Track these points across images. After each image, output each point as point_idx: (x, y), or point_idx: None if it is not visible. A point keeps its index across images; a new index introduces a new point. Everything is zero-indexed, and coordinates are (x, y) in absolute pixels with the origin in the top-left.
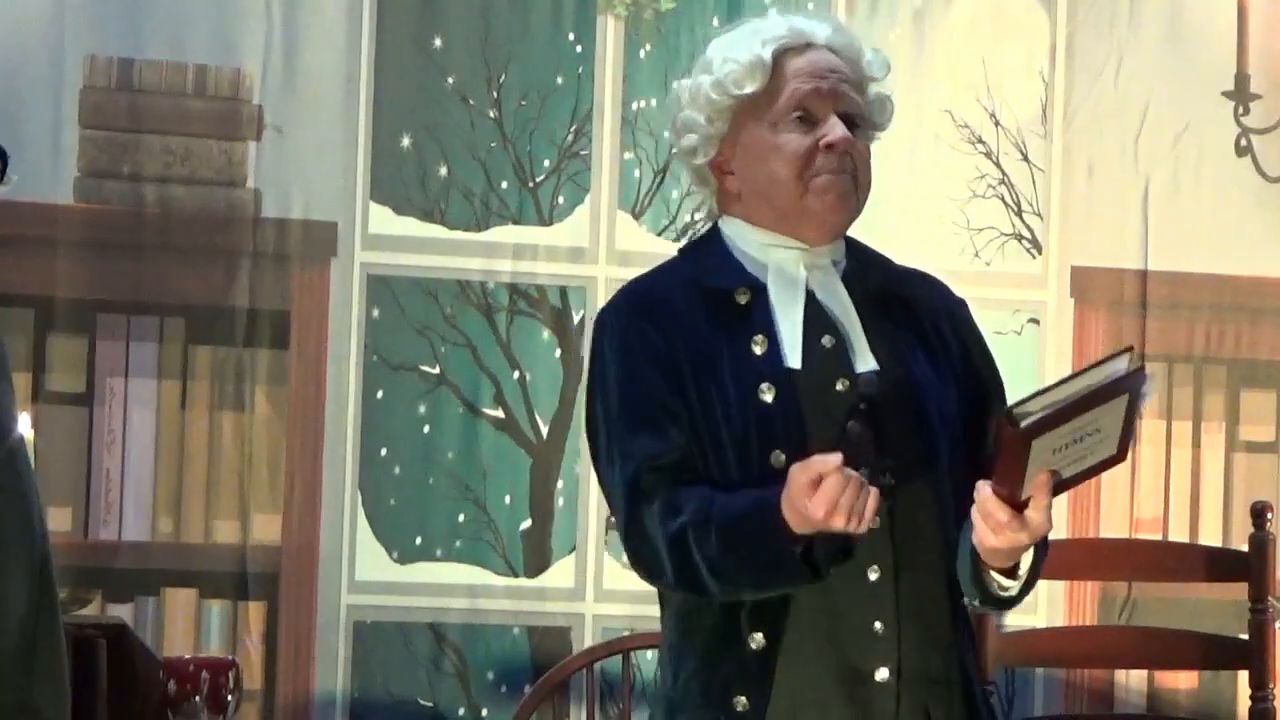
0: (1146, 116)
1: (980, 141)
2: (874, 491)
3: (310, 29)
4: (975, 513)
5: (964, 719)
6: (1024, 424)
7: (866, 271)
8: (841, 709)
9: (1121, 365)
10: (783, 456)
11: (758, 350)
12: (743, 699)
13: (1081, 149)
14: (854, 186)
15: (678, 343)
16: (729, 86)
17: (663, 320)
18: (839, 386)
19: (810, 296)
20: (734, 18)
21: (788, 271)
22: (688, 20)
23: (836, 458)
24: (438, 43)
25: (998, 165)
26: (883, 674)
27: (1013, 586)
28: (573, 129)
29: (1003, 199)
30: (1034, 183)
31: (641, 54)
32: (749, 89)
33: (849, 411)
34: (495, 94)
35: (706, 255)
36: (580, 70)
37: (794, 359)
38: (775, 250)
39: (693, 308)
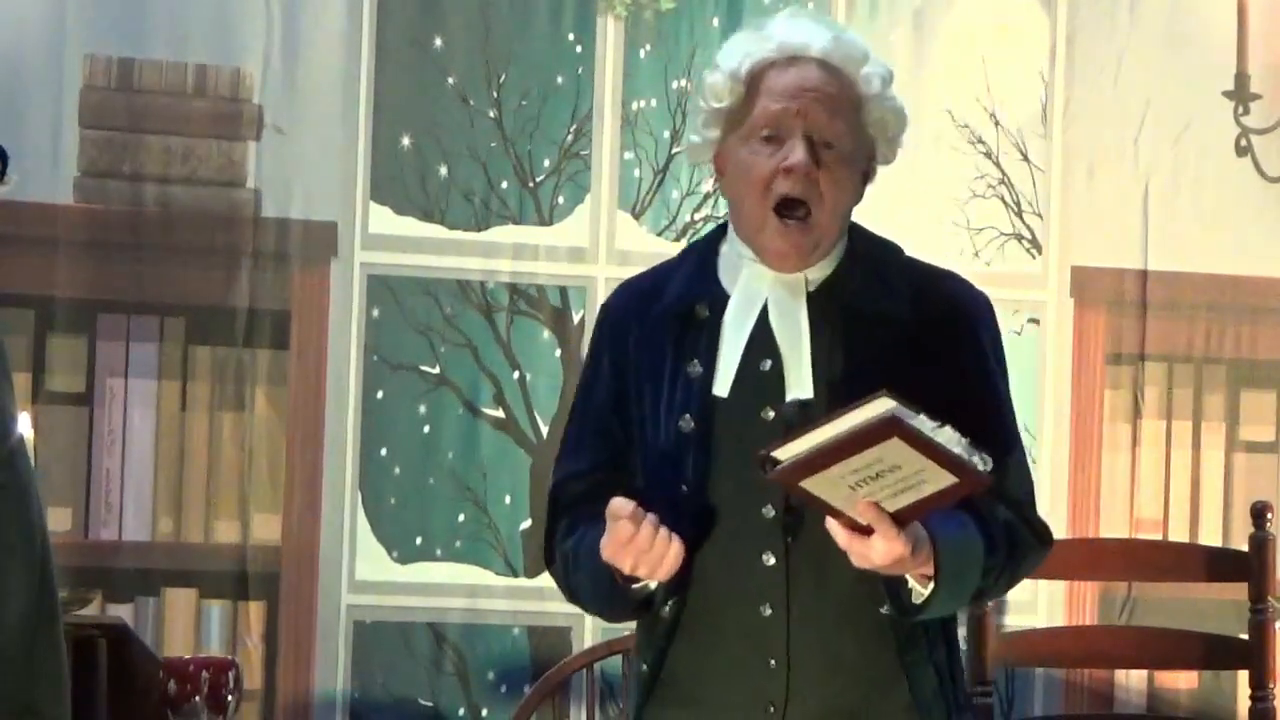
0: (1146, 116)
1: (980, 141)
2: (675, 544)
3: (310, 29)
4: None
5: None
6: (778, 469)
7: (857, 284)
8: None
9: (878, 410)
10: (685, 489)
11: (691, 374)
12: (631, 713)
13: (1081, 149)
14: (807, 226)
15: (630, 359)
16: (709, 98)
17: (630, 330)
18: (767, 415)
19: (764, 317)
20: (734, 18)
21: (751, 288)
22: (688, 20)
23: (628, 505)
24: (438, 43)
25: (998, 165)
26: (771, 710)
27: (922, 592)
28: (573, 129)
29: (1003, 199)
30: (1034, 183)
31: (641, 54)
32: (726, 102)
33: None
34: (495, 94)
35: (697, 259)
36: (580, 70)
37: (723, 387)
38: (749, 264)
39: (661, 317)
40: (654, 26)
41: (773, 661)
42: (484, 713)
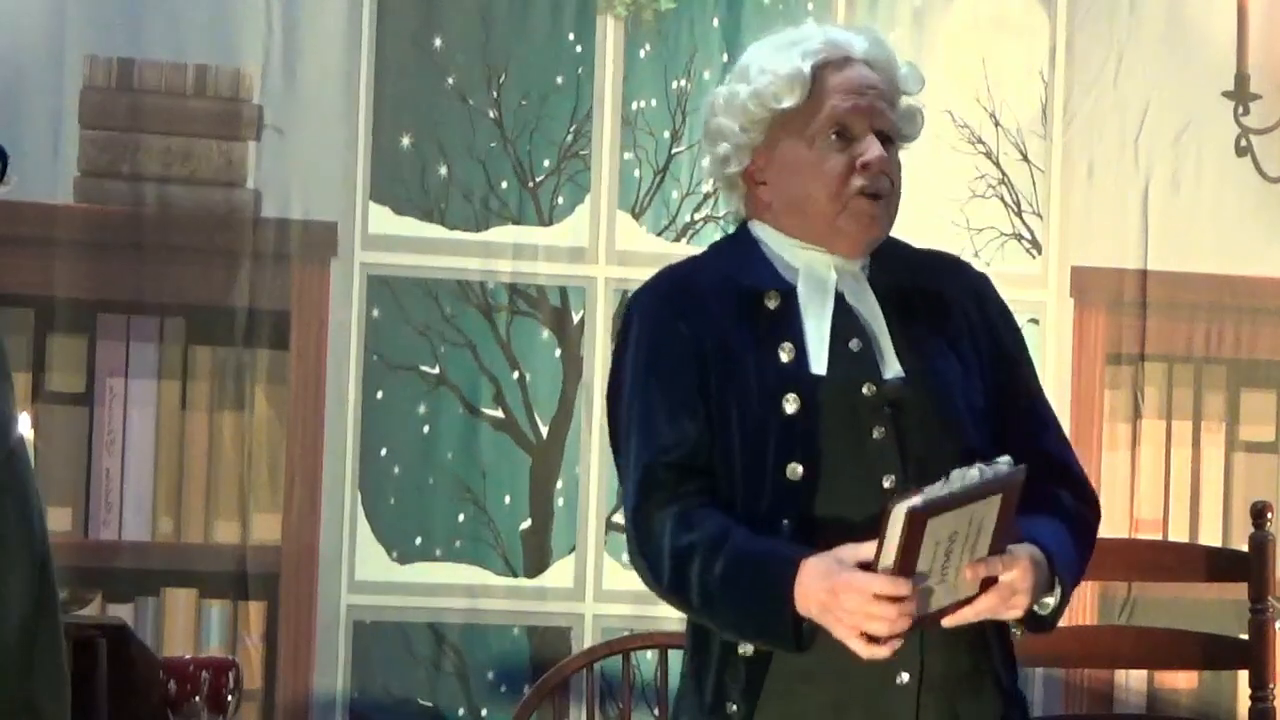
0: (1146, 116)
1: (980, 141)
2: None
3: (310, 29)
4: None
5: (996, 712)
6: (914, 504)
7: (888, 267)
8: (857, 715)
9: (899, 518)
10: (799, 469)
11: (784, 358)
12: (733, 705)
13: (1081, 149)
14: (887, 208)
15: (705, 340)
16: (768, 100)
17: (693, 315)
18: (865, 390)
19: (839, 300)
20: (734, 18)
21: (818, 274)
22: (687, 20)
23: (905, 584)
24: (438, 43)
25: (998, 165)
26: (903, 678)
27: (1049, 602)
28: (573, 129)
29: (1003, 199)
30: (1034, 183)
31: (641, 54)
32: (788, 103)
33: (875, 418)
34: (495, 94)
35: (740, 254)
36: (580, 70)
37: (820, 364)
38: (805, 253)
39: (724, 306)
40: (654, 26)
41: None
42: (484, 713)
